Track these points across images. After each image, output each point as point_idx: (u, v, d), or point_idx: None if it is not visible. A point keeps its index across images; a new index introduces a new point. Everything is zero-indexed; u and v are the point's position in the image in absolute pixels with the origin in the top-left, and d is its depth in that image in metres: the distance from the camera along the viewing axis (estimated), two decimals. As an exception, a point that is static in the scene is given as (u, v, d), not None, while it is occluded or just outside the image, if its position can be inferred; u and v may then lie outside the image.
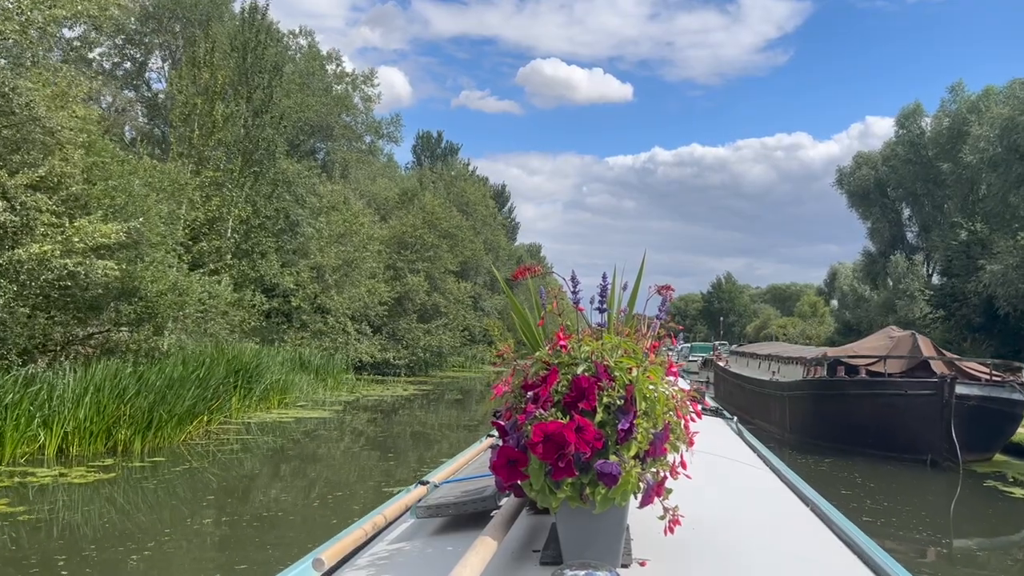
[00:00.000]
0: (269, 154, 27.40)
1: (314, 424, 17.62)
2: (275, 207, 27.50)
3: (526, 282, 1.90)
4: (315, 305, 29.84)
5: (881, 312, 58.40)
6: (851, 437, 16.08)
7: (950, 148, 43.02)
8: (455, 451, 3.55)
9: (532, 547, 1.74)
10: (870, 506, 11.65)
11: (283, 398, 20.29)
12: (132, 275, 14.49)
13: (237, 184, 24.33)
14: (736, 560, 1.74)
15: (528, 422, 1.46)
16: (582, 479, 1.44)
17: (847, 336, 63.57)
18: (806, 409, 17.44)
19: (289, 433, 16.19)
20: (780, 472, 3.19)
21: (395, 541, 2.02)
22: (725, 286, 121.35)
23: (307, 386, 23.76)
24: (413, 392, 28.85)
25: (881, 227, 61.04)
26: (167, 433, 12.92)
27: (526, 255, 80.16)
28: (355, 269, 31.34)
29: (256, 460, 12.87)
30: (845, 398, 16.10)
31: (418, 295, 38.19)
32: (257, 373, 19.20)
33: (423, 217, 39.88)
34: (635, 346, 1.59)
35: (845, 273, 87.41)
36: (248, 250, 26.98)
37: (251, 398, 18.59)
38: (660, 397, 1.53)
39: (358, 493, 10.72)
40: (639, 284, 1.80)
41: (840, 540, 2.07)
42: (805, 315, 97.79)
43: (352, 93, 44.46)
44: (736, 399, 25.04)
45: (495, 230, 57.13)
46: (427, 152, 75.34)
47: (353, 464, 13.40)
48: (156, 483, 10.59)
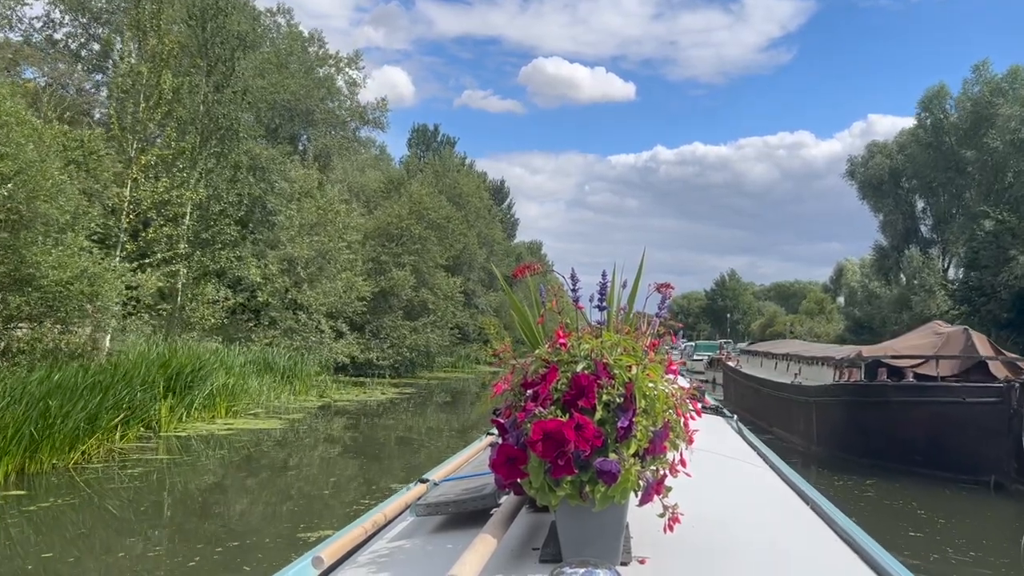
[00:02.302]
0: (231, 133, 24.74)
1: (255, 439, 14.93)
2: (238, 191, 24.83)
3: (526, 280, 1.86)
4: (286, 301, 27.19)
5: (895, 308, 55.89)
6: (895, 453, 13.44)
7: (974, 133, 40.25)
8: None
9: (532, 545, 1.73)
10: (915, 535, 9.14)
11: (232, 406, 17.65)
12: (25, 260, 11.84)
13: (190, 164, 21.67)
14: (735, 558, 1.72)
15: (528, 420, 1.47)
16: (581, 477, 1.44)
17: (858, 334, 61.01)
18: (838, 418, 14.78)
19: (221, 451, 13.55)
20: (780, 470, 3.08)
21: (395, 539, 2.00)
22: (729, 283, 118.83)
23: (269, 391, 21.15)
24: (394, 396, 26.19)
25: (894, 219, 58.45)
26: (46, 455, 10.27)
27: (526, 253, 78.38)
28: (330, 261, 28.67)
29: (147, 493, 10.08)
30: (888, 406, 13.44)
31: (404, 290, 35.54)
32: (198, 377, 16.58)
33: (410, 207, 37.20)
34: (635, 344, 1.58)
35: (852, 269, 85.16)
36: (209, 239, 24.36)
37: (189, 406, 15.98)
38: (660, 395, 1.54)
39: (264, 547, 8.00)
40: (638, 282, 1.80)
41: (840, 538, 2.03)
42: (812, 312, 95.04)
43: (336, 76, 41.83)
44: (750, 404, 22.36)
45: (490, 223, 54.39)
46: (423, 145, 72.90)
47: (280, 505, 10.27)
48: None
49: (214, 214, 24.15)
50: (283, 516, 9.19)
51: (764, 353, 25.29)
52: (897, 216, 58.26)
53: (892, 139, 57.02)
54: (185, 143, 21.69)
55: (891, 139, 57.62)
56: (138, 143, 20.59)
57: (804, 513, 2.34)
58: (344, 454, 14.44)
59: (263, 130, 36.37)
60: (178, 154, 21.20)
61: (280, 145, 34.10)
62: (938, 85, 46.27)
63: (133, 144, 20.54)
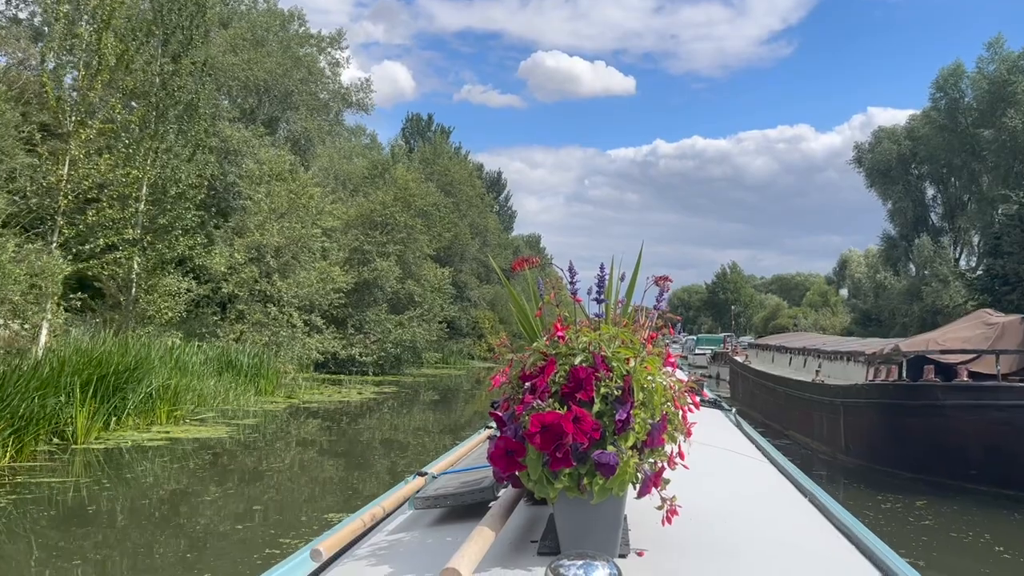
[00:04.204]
0: (191, 109, 22.48)
1: (186, 451, 12.70)
2: (198, 172, 22.59)
3: (524, 273, 1.86)
4: (254, 292, 24.96)
5: (905, 299, 53.84)
6: (944, 465, 11.27)
7: (991, 113, 37.96)
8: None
9: (530, 538, 1.73)
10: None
11: (174, 410, 15.46)
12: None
13: (136, 140, 19.44)
14: (734, 550, 1.71)
15: (526, 413, 1.46)
16: (580, 469, 1.44)
17: (865, 326, 58.85)
18: (873, 424, 12.59)
19: (145, 464, 11.36)
20: (778, 463, 3.07)
21: (393, 532, 1.98)
22: (730, 276, 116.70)
23: (228, 392, 18.97)
24: (373, 396, 23.99)
25: (904, 207, 56.31)
26: None
27: (524, 246, 76.84)
28: (304, 249, 26.43)
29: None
30: (938, 410, 11.24)
31: (388, 282, 33.32)
32: (133, 377, 14.39)
33: (395, 193, 34.94)
34: (633, 337, 1.57)
35: (857, 261, 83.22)
36: (167, 225, 22.14)
37: (120, 412, 13.80)
38: (658, 388, 1.53)
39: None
40: (637, 274, 1.80)
41: (838, 531, 2.03)
42: (815, 305, 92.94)
43: (318, 57, 39.48)
44: (761, 404, 20.18)
45: (483, 212, 52.09)
46: (417, 135, 70.73)
47: (173, 554, 7.66)
48: None
49: (171, 197, 21.94)
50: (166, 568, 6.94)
51: (777, 347, 23.06)
52: (907, 203, 56.14)
53: (902, 124, 54.86)
54: (133, 116, 19.44)
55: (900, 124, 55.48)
56: (77, 115, 18.36)
57: (802, 505, 2.32)
58: (285, 476, 12.23)
59: (238, 112, 34.18)
60: (123, 128, 18.94)
61: (254, 127, 31.86)
62: (954, 64, 43.90)
63: (71, 117, 18.32)
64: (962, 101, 43.89)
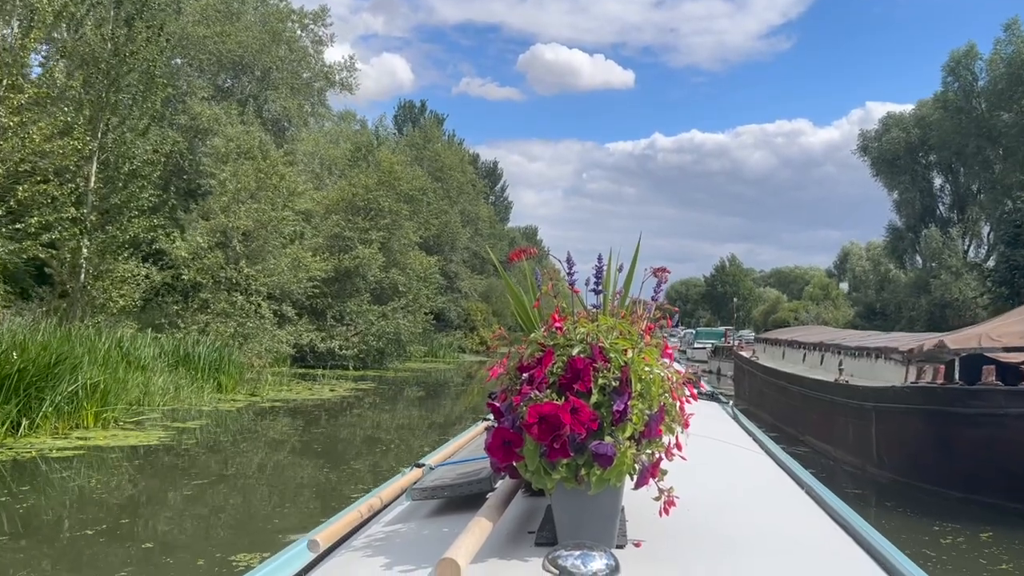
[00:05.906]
0: (147, 78, 20.46)
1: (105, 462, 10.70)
2: (155, 148, 20.58)
3: (520, 264, 1.82)
4: (219, 280, 22.96)
5: (912, 292, 52.05)
6: (1005, 486, 9.35)
7: (1009, 95, 36.00)
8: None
9: (527, 528, 1.71)
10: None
11: (104, 411, 13.49)
12: None
13: (77, 108, 17.41)
14: (731, 542, 1.69)
15: (523, 403, 1.45)
16: (577, 460, 1.43)
17: (870, 320, 56.94)
18: (917, 434, 10.65)
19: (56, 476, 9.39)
20: (775, 455, 3.02)
21: (390, 523, 1.96)
22: (729, 269, 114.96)
23: (180, 389, 17.02)
24: (348, 392, 22.04)
25: (911, 197, 54.46)
26: None
27: (521, 238, 75.14)
28: (275, 234, 24.43)
29: None
30: (1000, 421, 9.33)
31: (371, 270, 31.32)
32: (52, 374, 12.42)
33: (378, 177, 32.91)
34: (631, 327, 1.57)
35: (858, 254, 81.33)
36: (120, 205, 20.16)
37: (31, 414, 11.84)
38: (655, 379, 1.52)
39: None
40: (635, 266, 1.78)
41: (835, 523, 1.99)
42: (816, 298, 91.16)
43: (300, 34, 37.42)
44: (772, 404, 18.25)
45: (474, 199, 50.02)
46: (409, 122, 68.64)
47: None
48: None
49: (124, 175, 19.96)
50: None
51: (788, 342, 21.08)
52: (914, 194, 54.30)
53: (911, 110, 52.92)
54: (73, 81, 17.42)
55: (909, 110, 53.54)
56: (8, 78, 16.34)
57: (799, 497, 2.30)
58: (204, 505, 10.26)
59: (213, 90, 32.14)
60: (61, 93, 16.93)
61: (226, 104, 29.82)
62: (967, 46, 41.87)
63: (2, 79, 16.30)
64: (976, 84, 41.93)
